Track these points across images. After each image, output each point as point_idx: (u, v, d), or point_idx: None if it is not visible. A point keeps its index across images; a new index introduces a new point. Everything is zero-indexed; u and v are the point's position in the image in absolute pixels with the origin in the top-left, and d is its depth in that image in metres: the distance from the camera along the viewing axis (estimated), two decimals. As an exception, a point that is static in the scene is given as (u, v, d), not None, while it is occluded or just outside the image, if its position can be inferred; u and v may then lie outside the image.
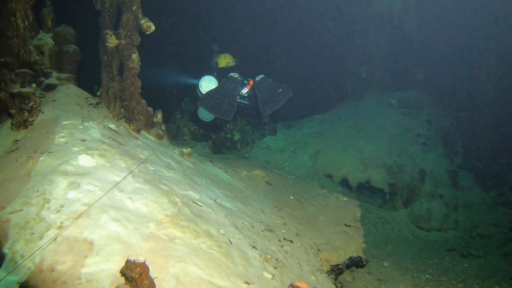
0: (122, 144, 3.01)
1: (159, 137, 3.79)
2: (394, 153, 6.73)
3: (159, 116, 4.12)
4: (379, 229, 5.99)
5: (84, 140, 2.69)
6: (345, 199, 4.36)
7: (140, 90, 3.50)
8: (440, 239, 5.62)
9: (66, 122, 2.80)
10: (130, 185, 2.52)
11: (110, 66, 3.33)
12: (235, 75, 5.38)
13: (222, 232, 2.65)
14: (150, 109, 3.77)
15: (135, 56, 3.32)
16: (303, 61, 12.83)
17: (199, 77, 5.66)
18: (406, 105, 8.25)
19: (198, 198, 2.97)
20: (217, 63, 5.93)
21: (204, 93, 5.40)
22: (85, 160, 2.49)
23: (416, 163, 6.68)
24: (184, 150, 3.78)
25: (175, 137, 7.03)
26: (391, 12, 8.91)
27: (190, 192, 2.97)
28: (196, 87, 5.63)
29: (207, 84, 5.54)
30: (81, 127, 2.85)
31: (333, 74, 11.71)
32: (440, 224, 5.85)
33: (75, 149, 2.56)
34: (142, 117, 3.52)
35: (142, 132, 3.64)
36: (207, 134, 7.17)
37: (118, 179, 2.51)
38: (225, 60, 5.99)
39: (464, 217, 6.14)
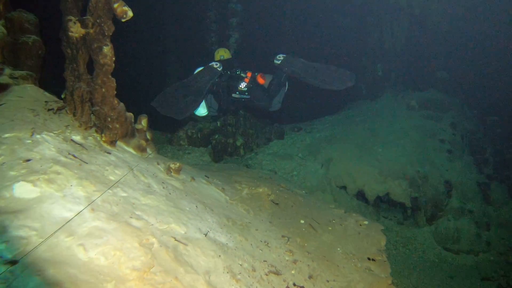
0: (86, 163, 2.36)
1: (141, 149, 3.13)
2: (416, 162, 6.01)
3: (143, 123, 3.48)
4: (400, 250, 5.29)
5: (28, 160, 2.04)
6: (366, 222, 3.67)
7: (115, 92, 2.85)
8: (471, 264, 4.91)
9: (7, 135, 2.16)
10: (86, 224, 1.86)
11: (75, 62, 2.68)
12: (215, 65, 4.71)
13: (212, 283, 1.99)
14: (130, 114, 3.11)
15: (107, 49, 2.67)
16: (311, 57, 12.08)
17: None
18: (427, 107, 7.51)
19: (183, 233, 2.31)
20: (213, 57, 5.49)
21: None
22: (23, 190, 1.85)
23: (441, 173, 5.95)
24: (172, 165, 3.12)
25: (170, 142, 6.40)
26: (411, 2, 8.12)
27: (173, 226, 2.31)
28: None
29: None
30: (29, 141, 2.20)
31: (351, 68, 10.97)
32: (470, 246, 5.14)
33: (12, 173, 1.92)
34: (117, 125, 2.87)
35: (119, 143, 2.99)
36: (206, 139, 6.52)
37: (69, 215, 1.86)
38: (219, 54, 5.60)
39: (497, 238, 5.42)
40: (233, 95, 5.03)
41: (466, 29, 7.85)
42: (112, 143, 2.85)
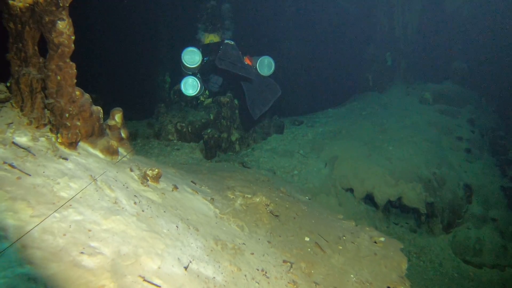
0: (29, 175, 1.84)
1: (111, 151, 2.61)
2: (431, 163, 5.53)
3: (117, 118, 2.96)
4: (413, 261, 4.86)
5: None
6: (382, 239, 3.20)
7: (75, 80, 2.32)
8: (496, 280, 4.48)
9: None
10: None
11: (21, 41, 2.13)
12: (231, 42, 5.38)
13: None
14: (97, 109, 2.59)
15: (62, 25, 2.12)
16: (314, 44, 11.55)
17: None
18: (442, 100, 7.01)
19: (156, 268, 1.82)
20: (201, 41, 5.85)
21: (188, 67, 5.52)
22: None
23: (459, 175, 5.49)
24: (149, 172, 2.60)
25: (157, 136, 5.86)
26: (427, -16, 7.56)
27: (143, 259, 1.81)
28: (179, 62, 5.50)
29: (190, 56, 5.41)
30: None
31: (350, 60, 10.45)
32: (494, 259, 4.71)
33: None
34: (79, 123, 2.34)
35: (82, 145, 2.46)
36: (198, 133, 5.99)
37: (-13, 257, 1.35)
38: (208, 38, 5.93)
39: (524, 249, 4.99)
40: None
41: (488, 15, 7.31)
42: (72, 145, 2.32)
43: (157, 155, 5.20)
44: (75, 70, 2.28)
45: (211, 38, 6.09)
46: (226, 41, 5.46)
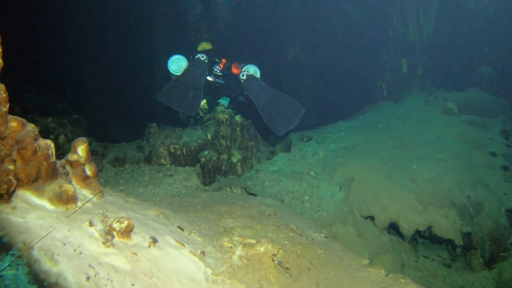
0: None
1: (65, 199, 2.02)
2: (464, 184, 4.88)
3: (80, 151, 2.40)
4: (452, 304, 4.15)
5: None
6: (424, 296, 2.53)
7: (7, 107, 1.77)
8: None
9: None
10: None
11: None
12: (202, 57, 5.09)
13: None
14: (45, 143, 2.02)
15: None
16: (322, 52, 11.04)
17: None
18: (469, 110, 6.38)
19: None
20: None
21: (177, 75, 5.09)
22: None
23: (498, 199, 4.82)
24: (116, 225, 2.00)
25: (148, 161, 5.30)
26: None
27: None
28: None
29: (177, 65, 5.13)
30: None
31: (361, 68, 9.90)
32: (550, 301, 3.99)
33: None
34: (11, 166, 1.78)
35: (22, 195, 1.88)
36: (194, 156, 5.41)
37: None
38: (201, 46, 5.71)
39: None
40: (208, 77, 5.26)
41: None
42: (2, 198, 1.74)
43: (147, 184, 4.62)
44: (5, 94, 1.72)
45: (203, 45, 5.83)
46: (197, 55, 5.10)
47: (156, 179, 4.96)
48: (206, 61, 5.12)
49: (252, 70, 5.50)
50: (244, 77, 5.11)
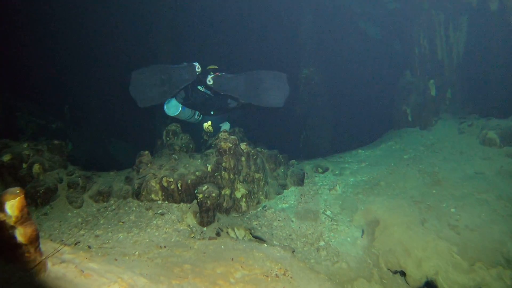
0: None
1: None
2: (518, 233, 4.06)
3: (9, 209, 1.77)
4: None
5: None
6: None
7: None
8: None
9: None
10: None
11: None
12: (197, 68, 5.43)
13: None
14: None
15: None
16: (338, 70, 10.46)
17: None
18: (513, 141, 5.59)
19: None
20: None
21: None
22: None
23: (562, 253, 3.97)
24: None
25: (137, 195, 4.64)
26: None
27: None
28: None
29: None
30: None
31: (382, 90, 9.25)
32: None
33: None
34: None
35: None
36: (191, 191, 4.73)
37: None
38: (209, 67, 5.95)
39: None
40: (198, 87, 5.69)
41: None
42: None
43: (131, 226, 3.95)
44: None
45: (211, 66, 6.12)
46: (191, 63, 5.56)
47: (143, 218, 4.29)
48: (199, 70, 5.47)
49: (224, 78, 5.69)
50: (211, 81, 5.48)
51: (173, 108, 6.16)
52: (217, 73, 5.67)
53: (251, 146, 5.50)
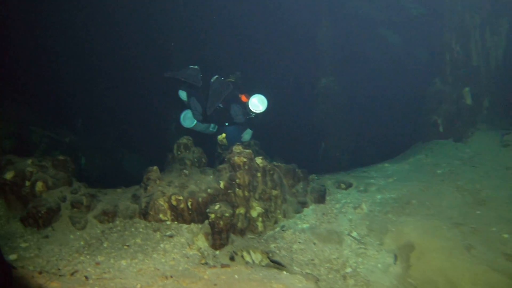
0: None
1: None
2: None
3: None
4: None
5: None
6: None
7: None
8: None
9: None
10: None
11: None
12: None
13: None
14: None
15: None
16: (359, 79, 10.02)
17: None
18: None
19: None
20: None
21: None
22: None
23: None
24: None
25: (144, 215, 4.29)
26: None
27: None
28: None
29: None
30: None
31: (409, 99, 8.74)
32: None
33: None
34: None
35: None
36: (202, 210, 4.35)
37: None
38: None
39: None
40: None
41: None
42: None
43: (136, 251, 3.59)
44: None
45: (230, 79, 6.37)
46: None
47: (150, 241, 3.93)
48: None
49: (258, 99, 5.90)
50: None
51: (188, 120, 6.34)
52: (245, 95, 6.05)
53: (267, 160, 5.11)
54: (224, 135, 7.15)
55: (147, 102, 11.81)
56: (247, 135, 6.89)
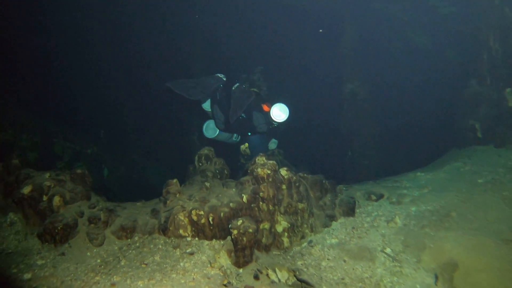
0: None
1: None
2: None
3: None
4: None
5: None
6: None
7: None
8: None
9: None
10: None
11: None
12: (220, 75, 6.01)
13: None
14: None
15: None
16: (387, 84, 9.62)
17: None
18: None
19: None
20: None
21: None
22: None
23: None
24: None
25: (163, 231, 4.12)
26: None
27: None
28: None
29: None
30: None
31: (441, 102, 8.29)
32: None
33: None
34: None
35: None
36: (224, 225, 4.14)
37: None
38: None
39: None
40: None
41: None
42: None
43: (154, 270, 3.41)
44: None
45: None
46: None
47: (169, 259, 3.74)
48: (224, 78, 6.00)
49: (280, 108, 5.80)
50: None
51: (211, 130, 6.37)
52: (267, 104, 6.06)
53: (293, 171, 4.84)
54: (247, 144, 7.04)
55: (170, 112, 11.82)
56: (273, 144, 6.89)
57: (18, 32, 8.10)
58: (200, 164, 5.70)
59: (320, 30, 9.06)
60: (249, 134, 6.38)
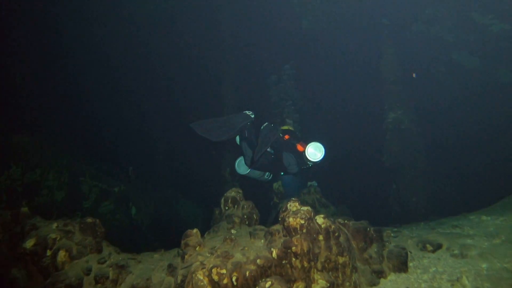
0: None
1: None
2: None
3: None
4: None
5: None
6: None
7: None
8: None
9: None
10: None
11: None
12: (248, 112, 5.85)
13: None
14: None
15: None
16: (434, 112, 8.80)
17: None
18: None
19: None
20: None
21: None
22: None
23: None
24: None
25: (179, 293, 3.56)
26: None
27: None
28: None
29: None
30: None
31: (495, 132, 7.36)
32: None
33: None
34: None
35: None
36: (249, 286, 3.52)
37: None
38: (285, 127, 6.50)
39: None
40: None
41: None
42: None
43: None
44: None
45: (286, 127, 6.42)
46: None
47: (184, 332, 3.15)
48: (252, 116, 5.79)
49: (314, 147, 5.61)
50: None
51: (243, 166, 6.24)
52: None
53: (331, 219, 4.18)
54: (280, 182, 6.75)
55: (201, 148, 11.62)
56: (315, 183, 6.72)
57: (47, 71, 8.30)
58: (227, 208, 5.19)
59: (414, 75, 8.66)
60: (282, 174, 6.08)
